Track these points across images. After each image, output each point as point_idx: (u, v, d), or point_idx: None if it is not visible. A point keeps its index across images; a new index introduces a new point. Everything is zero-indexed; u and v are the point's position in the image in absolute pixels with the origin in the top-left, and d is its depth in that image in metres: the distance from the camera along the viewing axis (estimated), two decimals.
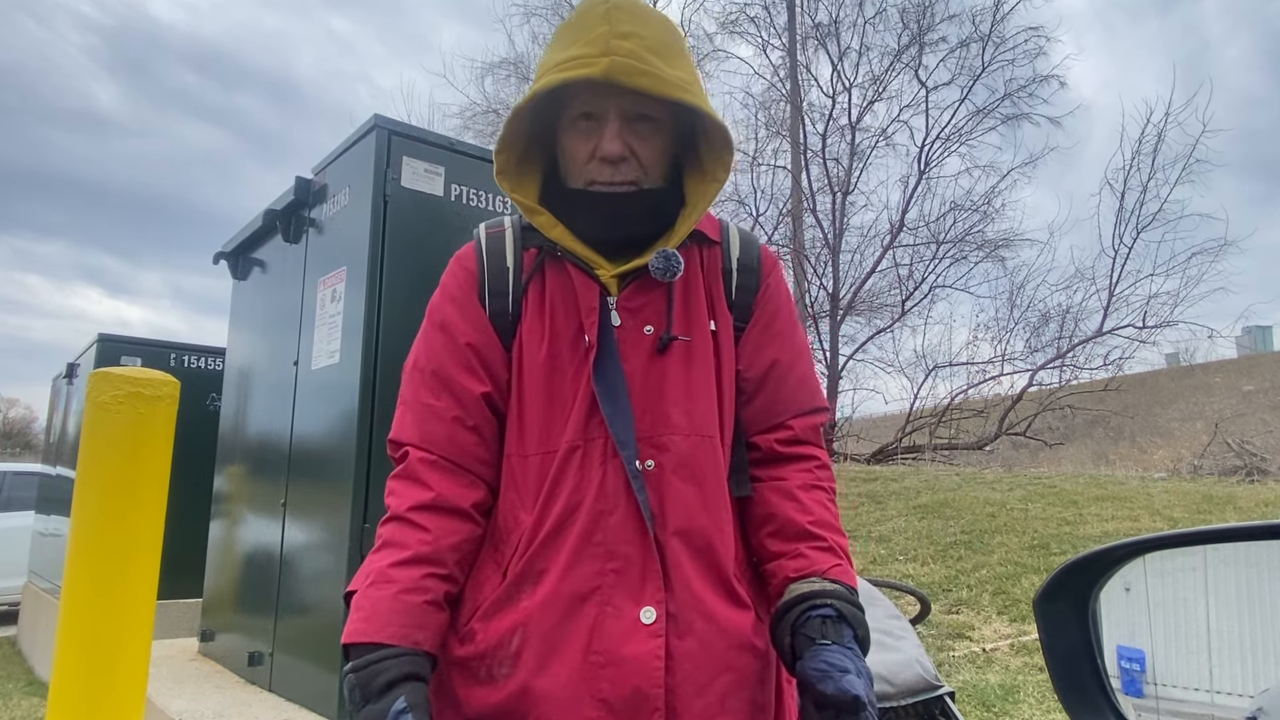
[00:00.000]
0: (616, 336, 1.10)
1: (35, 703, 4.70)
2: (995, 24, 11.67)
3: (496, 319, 1.15)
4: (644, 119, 1.11)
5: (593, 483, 1.05)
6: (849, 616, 1.02)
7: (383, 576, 1.01)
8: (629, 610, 1.01)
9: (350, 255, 2.72)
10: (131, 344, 5.54)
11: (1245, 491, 8.06)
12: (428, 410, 1.13)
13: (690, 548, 1.06)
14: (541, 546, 1.04)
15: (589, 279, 1.12)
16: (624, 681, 0.98)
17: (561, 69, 1.05)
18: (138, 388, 1.40)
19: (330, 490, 2.64)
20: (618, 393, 1.07)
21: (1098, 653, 0.98)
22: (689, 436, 1.09)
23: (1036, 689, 4.16)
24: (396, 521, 1.06)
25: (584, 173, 1.12)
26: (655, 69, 1.04)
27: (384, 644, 0.96)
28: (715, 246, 1.21)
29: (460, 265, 1.22)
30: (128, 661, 1.36)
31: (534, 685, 1.00)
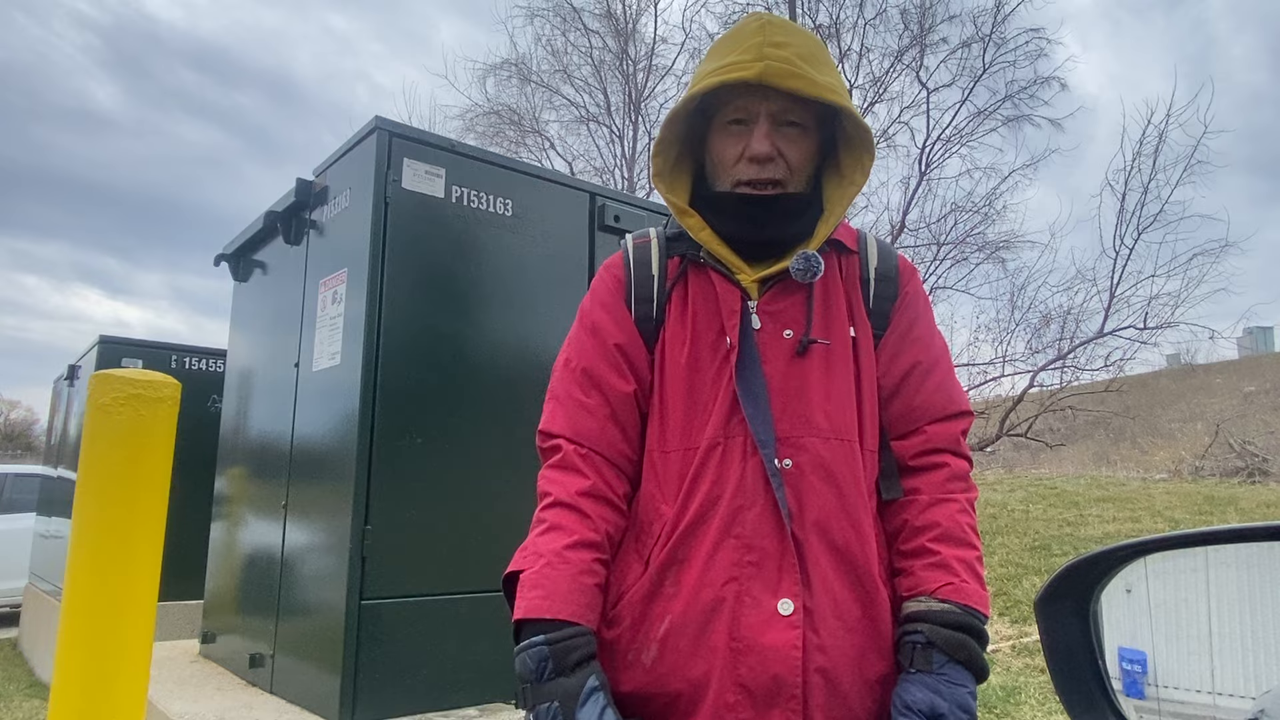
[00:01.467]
0: (757, 339, 1.14)
1: (37, 705, 4.70)
2: (996, 25, 11.66)
3: (642, 323, 1.21)
4: (792, 124, 1.15)
5: (732, 478, 1.09)
6: (941, 642, 1.03)
7: (559, 558, 1.05)
8: (767, 601, 1.05)
9: (351, 257, 2.72)
10: (132, 346, 5.54)
11: (1247, 492, 8.05)
12: (579, 406, 1.18)
13: (828, 546, 1.08)
14: (682, 537, 1.09)
15: (730, 283, 1.17)
16: (764, 669, 1.02)
17: (718, 73, 1.11)
18: (139, 390, 1.40)
19: (331, 492, 2.64)
20: (758, 393, 1.11)
21: (1099, 654, 0.98)
22: (828, 440, 1.11)
23: (1038, 690, 4.16)
24: (561, 507, 1.10)
25: (732, 173, 1.17)
26: (806, 73, 1.10)
27: (567, 621, 1.01)
28: (853, 255, 1.25)
29: (609, 273, 1.27)
30: (129, 663, 1.36)
31: (685, 670, 1.05)
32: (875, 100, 12.48)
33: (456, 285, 2.78)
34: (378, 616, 2.45)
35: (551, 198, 3.04)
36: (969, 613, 1.06)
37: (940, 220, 12.59)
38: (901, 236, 12.37)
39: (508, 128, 13.95)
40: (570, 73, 13.89)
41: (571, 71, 13.89)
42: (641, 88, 13.54)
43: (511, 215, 2.92)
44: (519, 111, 14.10)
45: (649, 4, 13.57)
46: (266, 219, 3.36)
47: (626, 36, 13.57)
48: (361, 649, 2.41)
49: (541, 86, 13.98)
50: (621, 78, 13.73)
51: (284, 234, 3.27)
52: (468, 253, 2.81)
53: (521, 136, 14.04)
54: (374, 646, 2.43)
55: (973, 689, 1.03)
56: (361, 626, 2.42)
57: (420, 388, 2.63)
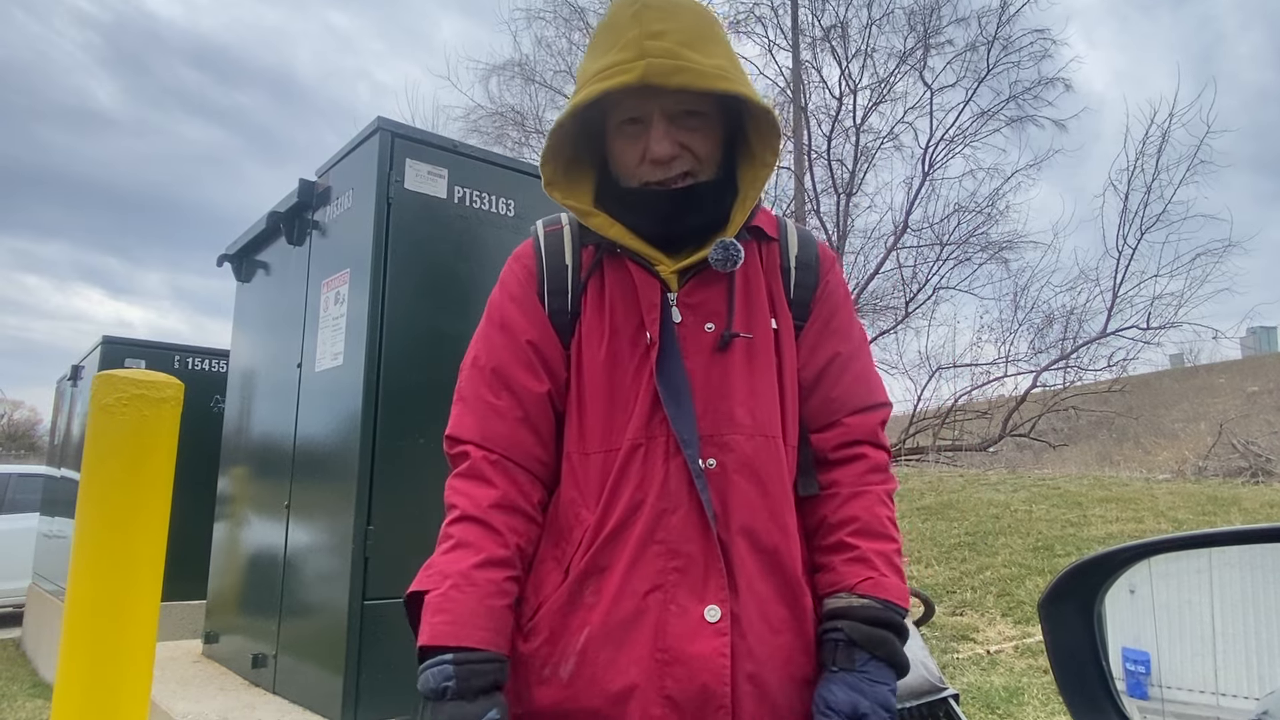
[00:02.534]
0: (678, 333, 1.10)
1: (40, 704, 4.70)
2: (1001, 26, 11.66)
3: (555, 317, 1.15)
4: (690, 114, 1.10)
5: (655, 481, 1.05)
6: (862, 639, 1.01)
7: (466, 579, 1.01)
8: (693, 609, 1.01)
9: (354, 257, 2.72)
10: (135, 346, 5.55)
11: (1250, 493, 8.04)
12: (489, 408, 1.11)
13: (754, 548, 1.05)
14: (604, 544, 1.05)
15: (649, 275, 1.12)
16: (691, 679, 0.99)
17: (599, 79, 1.05)
18: (142, 390, 1.40)
19: (334, 492, 2.64)
20: (680, 391, 1.06)
21: (1103, 655, 0.98)
22: (752, 436, 1.08)
23: (1041, 691, 4.15)
24: (468, 521, 1.06)
25: (637, 175, 1.12)
26: (691, 63, 1.03)
27: (473, 647, 0.97)
28: (774, 243, 1.20)
29: (519, 263, 1.21)
30: (132, 663, 1.36)
31: (603, 684, 1.01)
32: (880, 100, 12.48)
33: (459, 286, 2.78)
34: (380, 617, 2.45)
35: None
36: (889, 608, 1.04)
37: (943, 220, 12.59)
38: (904, 236, 12.36)
39: (511, 128, 13.98)
40: (573, 73, 13.89)
41: (575, 72, 13.89)
42: None
43: (514, 216, 2.92)
44: (522, 112, 14.12)
45: None
46: (269, 219, 3.36)
47: None
48: (364, 649, 2.41)
49: (545, 87, 14.00)
50: None
51: (287, 234, 3.28)
52: (470, 253, 2.81)
53: (525, 137, 14.07)
54: (376, 647, 2.43)
55: (893, 686, 1.02)
56: (364, 627, 2.42)
57: (423, 388, 2.63)
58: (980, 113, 12.11)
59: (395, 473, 2.54)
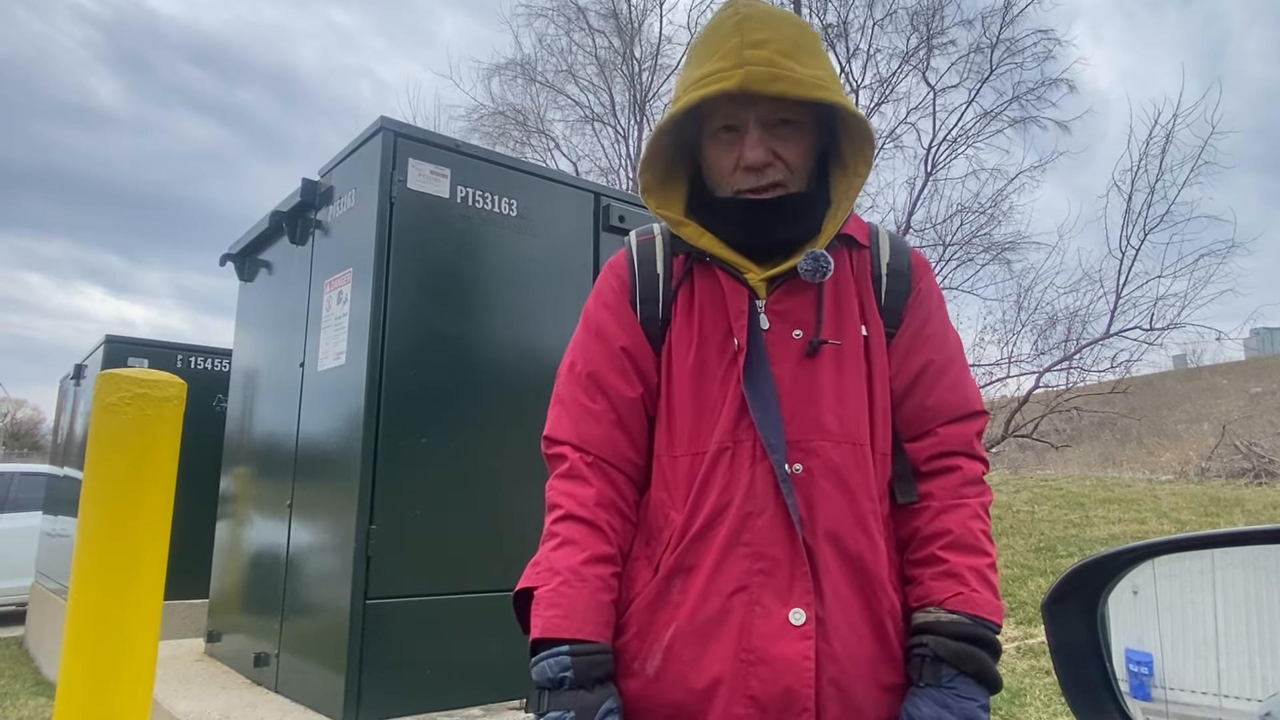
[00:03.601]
0: (765, 340, 1.11)
1: (42, 703, 4.71)
2: (1005, 26, 11.63)
3: (647, 324, 1.18)
4: (785, 123, 1.11)
5: (741, 484, 1.06)
6: (949, 655, 1.01)
7: (576, 575, 1.04)
8: (777, 611, 1.02)
9: (356, 257, 2.73)
10: (138, 345, 5.56)
11: (1253, 494, 8.03)
12: (585, 411, 1.15)
13: (839, 554, 1.06)
14: (691, 544, 1.07)
15: (737, 283, 1.13)
16: (775, 680, 1.00)
17: (698, 86, 1.07)
18: (144, 389, 1.40)
19: (336, 492, 2.64)
20: (767, 396, 1.08)
21: (1106, 656, 0.98)
22: (839, 443, 1.09)
23: (1043, 692, 4.15)
24: (573, 520, 1.08)
25: (730, 183, 1.14)
26: (790, 72, 1.05)
27: (587, 640, 1.01)
28: (864, 250, 1.21)
29: (613, 272, 1.24)
30: (134, 662, 1.36)
31: (688, 681, 1.03)
32: (882, 100, 12.46)
33: (461, 285, 2.78)
34: (382, 616, 2.45)
35: (556, 198, 3.04)
36: (979, 623, 1.03)
37: (946, 221, 12.57)
38: (907, 237, 12.35)
39: (513, 128, 13.96)
40: (575, 73, 13.90)
41: (576, 71, 13.90)
42: (646, 88, 13.53)
43: (516, 215, 2.92)
44: (524, 111, 14.11)
45: (654, 3, 13.56)
46: (272, 219, 3.37)
47: (631, 36, 13.57)
48: (366, 648, 2.41)
49: (546, 86, 13.99)
50: (626, 78, 13.73)
51: (289, 234, 3.28)
52: (473, 253, 2.81)
53: (527, 136, 14.05)
54: (378, 646, 2.43)
55: (984, 702, 1.01)
56: (366, 626, 2.42)
57: (425, 387, 2.63)
58: (983, 113, 12.09)
59: (397, 472, 2.54)
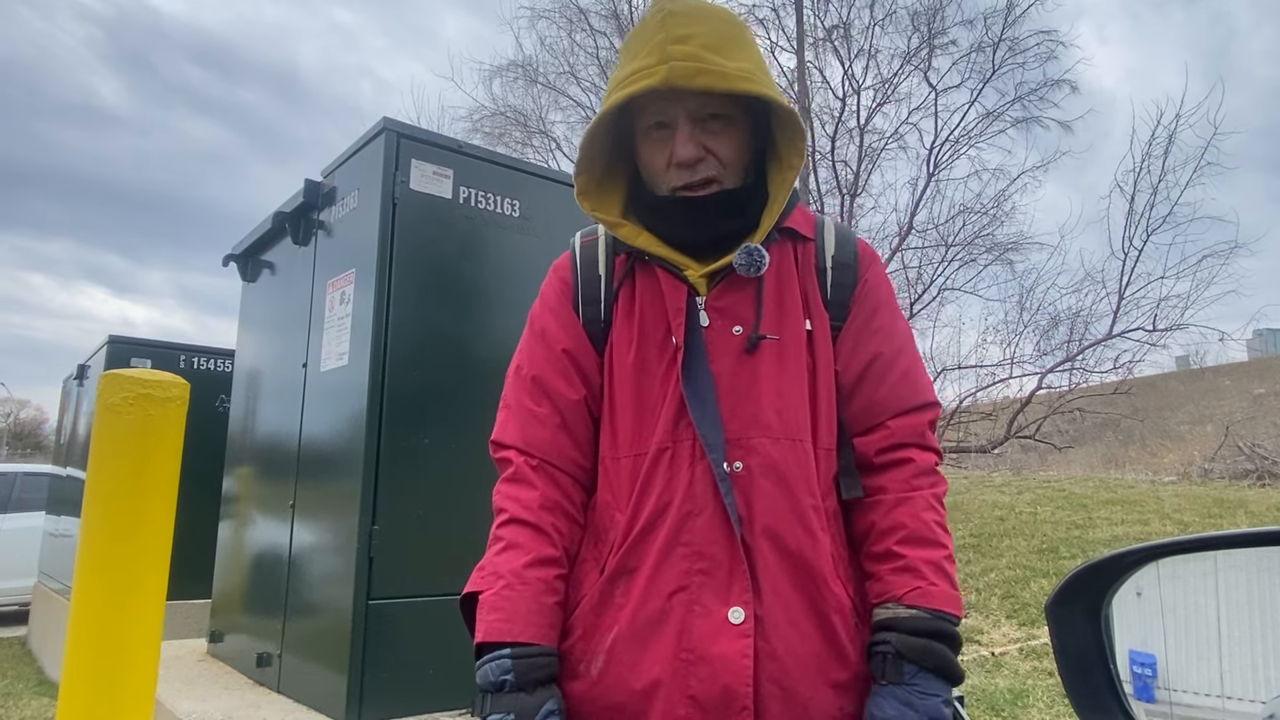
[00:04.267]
0: (705, 337, 1.11)
1: (45, 703, 4.72)
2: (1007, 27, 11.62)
3: (590, 325, 1.18)
4: (715, 118, 1.11)
5: (681, 484, 1.06)
6: (909, 651, 1.01)
7: (518, 578, 1.04)
8: (717, 610, 1.02)
9: (359, 257, 2.73)
10: (141, 345, 5.57)
11: (1256, 495, 8.02)
12: (530, 415, 1.16)
13: (779, 551, 1.06)
14: (633, 545, 1.07)
15: (677, 280, 1.13)
16: (714, 680, 1.00)
17: (625, 84, 1.07)
18: (147, 389, 1.40)
19: (338, 492, 2.65)
20: (705, 394, 1.08)
21: (1110, 657, 0.98)
22: (778, 440, 1.08)
23: (1046, 693, 4.14)
24: (517, 524, 1.09)
25: (665, 180, 1.14)
26: (714, 65, 1.04)
27: (528, 642, 1.01)
28: (809, 243, 1.20)
29: (556, 275, 1.25)
30: (137, 662, 1.36)
31: (628, 682, 1.03)
32: (884, 101, 12.45)
33: (464, 286, 2.78)
34: (385, 616, 2.45)
35: (558, 198, 3.04)
36: (938, 617, 1.02)
37: (948, 221, 12.55)
38: (909, 237, 12.34)
39: (514, 129, 13.96)
40: (577, 74, 13.89)
41: (578, 72, 13.88)
42: None
43: (519, 216, 2.92)
44: (525, 113, 14.11)
45: None
46: (275, 220, 3.37)
47: None
48: (368, 649, 2.41)
49: (548, 88, 13.99)
50: None
51: (292, 235, 3.28)
52: (475, 253, 2.82)
53: (528, 137, 14.05)
54: (381, 646, 2.44)
55: (946, 696, 1.00)
56: (369, 626, 2.42)
57: (427, 388, 2.63)
58: (986, 114, 12.07)
59: (400, 473, 2.54)
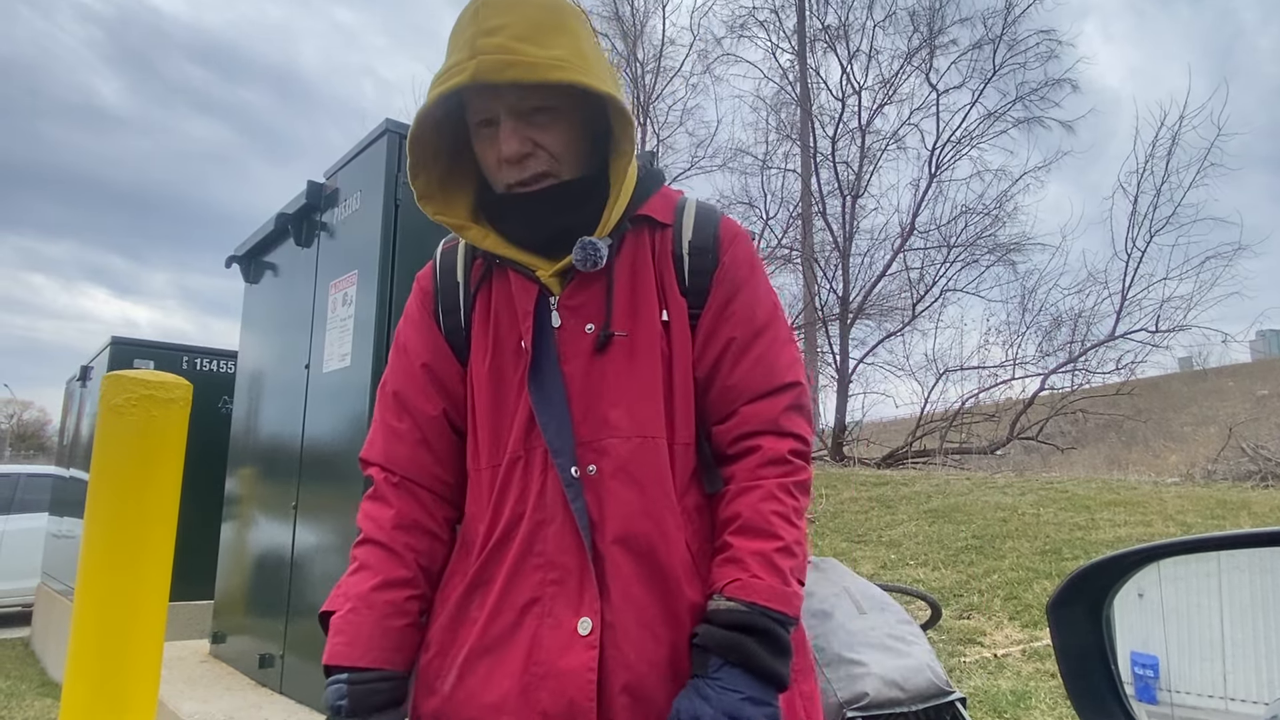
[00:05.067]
0: (557, 338, 1.07)
1: (48, 704, 4.72)
2: (1007, 27, 11.63)
3: (451, 335, 1.15)
4: (539, 110, 1.05)
5: (532, 493, 1.04)
6: (713, 644, 0.95)
7: (364, 602, 1.03)
8: (567, 621, 0.99)
9: (361, 259, 2.73)
10: (144, 347, 5.58)
11: (1260, 496, 8.01)
12: (391, 431, 1.14)
13: (632, 554, 1.02)
14: (489, 558, 1.05)
15: (527, 282, 1.09)
16: (561, 694, 0.96)
17: (437, 84, 1.02)
18: (150, 390, 1.40)
19: (341, 493, 2.65)
20: (553, 398, 1.04)
21: (1111, 659, 0.98)
22: (629, 439, 1.04)
23: (1048, 695, 4.13)
24: (369, 544, 1.07)
25: (499, 177, 1.09)
26: (524, 56, 0.99)
27: (366, 667, 1.00)
28: (666, 229, 1.14)
29: (419, 285, 1.22)
30: (140, 663, 1.36)
31: (479, 697, 1.00)
32: (885, 102, 12.46)
33: None
34: None
35: None
36: (756, 611, 0.96)
37: (950, 222, 12.55)
38: (911, 238, 12.34)
39: None
40: None
41: None
42: (650, 90, 13.54)
43: None
44: None
45: (657, 6, 13.59)
46: (277, 221, 3.38)
47: (635, 38, 13.58)
48: None
49: None
50: (630, 80, 13.73)
51: (295, 236, 3.29)
52: None
53: None
54: None
55: (751, 695, 0.93)
56: None
57: None
58: (987, 114, 12.08)
59: None
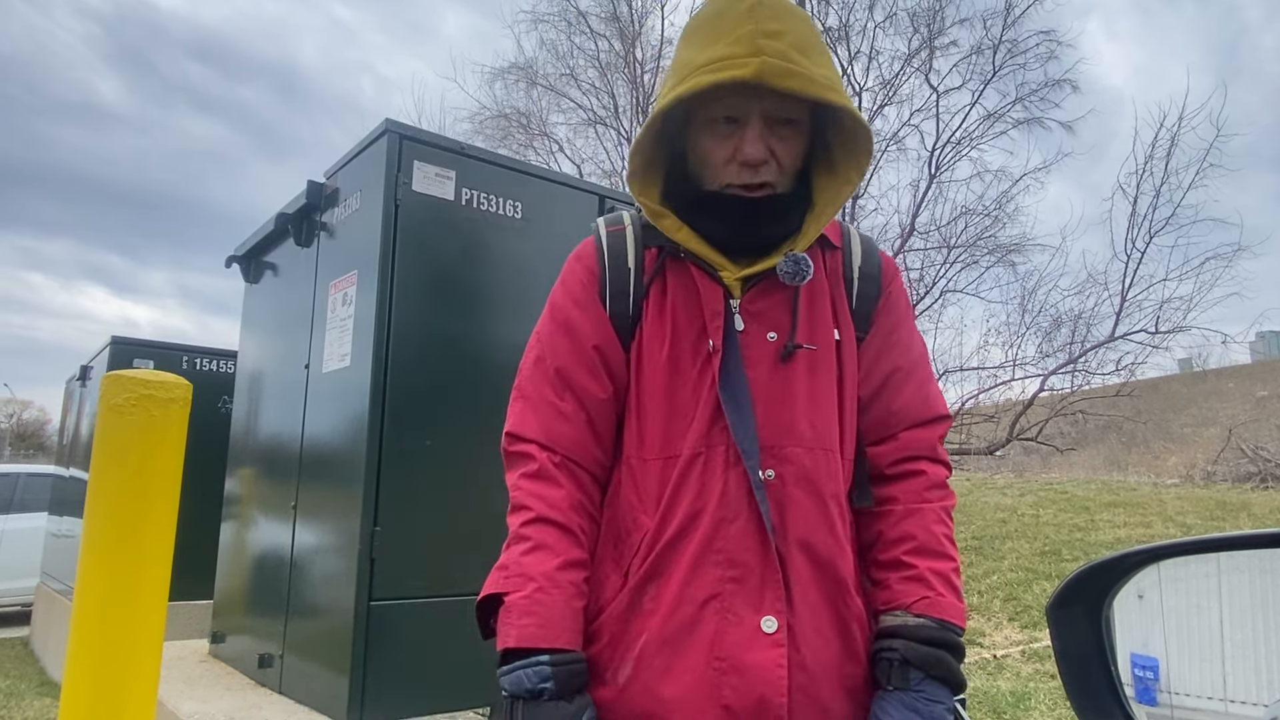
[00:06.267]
0: (740, 342, 1.08)
1: (47, 703, 4.72)
2: (1007, 28, 11.62)
3: (617, 319, 1.13)
4: (787, 122, 1.07)
5: (715, 491, 1.04)
6: (917, 659, 1.00)
7: (550, 581, 1.01)
8: (749, 619, 1.01)
9: (361, 259, 2.73)
10: (144, 346, 5.58)
11: (1259, 498, 8.01)
12: (553, 410, 1.11)
13: (812, 561, 1.05)
14: (663, 551, 1.04)
15: (713, 281, 1.10)
16: (748, 690, 0.98)
17: (709, 70, 1.01)
18: (150, 390, 1.40)
19: (341, 493, 2.65)
20: (741, 401, 1.05)
21: (1111, 660, 0.98)
22: (811, 449, 1.07)
23: (1048, 696, 4.13)
24: (544, 523, 1.05)
25: (721, 175, 1.09)
26: (804, 69, 1.00)
27: (566, 649, 0.99)
28: (837, 251, 1.18)
29: (581, 263, 1.19)
30: (139, 663, 1.36)
31: (657, 690, 1.01)
32: (885, 103, 12.45)
33: (466, 287, 2.78)
34: (387, 618, 2.45)
35: (561, 200, 3.05)
36: (945, 627, 1.02)
37: (950, 223, 12.54)
38: (911, 239, 12.34)
39: (516, 131, 13.97)
40: (577, 76, 13.89)
41: (578, 74, 13.89)
42: (649, 90, 13.52)
43: (521, 218, 2.92)
44: (527, 114, 14.13)
45: (655, 6, 13.57)
46: (277, 221, 3.38)
47: (633, 39, 13.57)
48: (370, 650, 2.41)
49: (549, 90, 14.00)
50: (628, 80, 13.73)
51: (295, 236, 3.29)
52: (477, 255, 2.82)
53: (530, 139, 14.06)
54: (383, 647, 2.44)
55: (950, 704, 1.00)
56: (370, 627, 2.42)
57: (430, 389, 2.64)
58: (987, 115, 12.07)
59: (402, 474, 2.54)
